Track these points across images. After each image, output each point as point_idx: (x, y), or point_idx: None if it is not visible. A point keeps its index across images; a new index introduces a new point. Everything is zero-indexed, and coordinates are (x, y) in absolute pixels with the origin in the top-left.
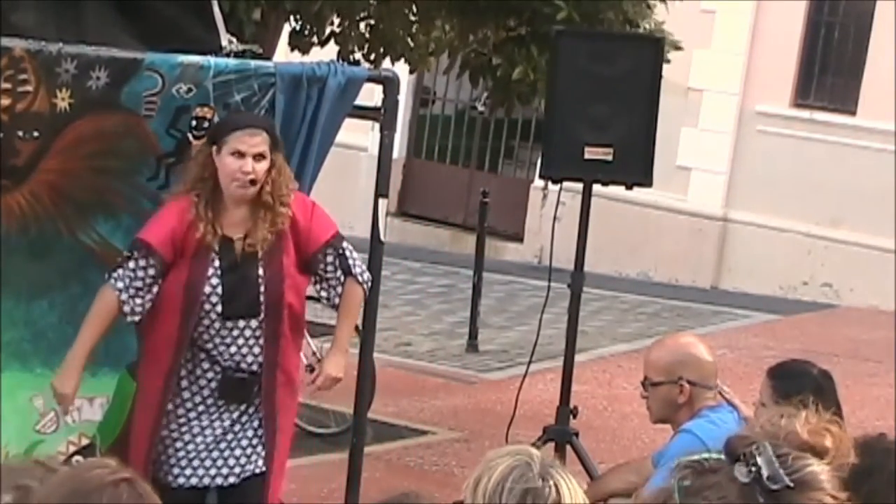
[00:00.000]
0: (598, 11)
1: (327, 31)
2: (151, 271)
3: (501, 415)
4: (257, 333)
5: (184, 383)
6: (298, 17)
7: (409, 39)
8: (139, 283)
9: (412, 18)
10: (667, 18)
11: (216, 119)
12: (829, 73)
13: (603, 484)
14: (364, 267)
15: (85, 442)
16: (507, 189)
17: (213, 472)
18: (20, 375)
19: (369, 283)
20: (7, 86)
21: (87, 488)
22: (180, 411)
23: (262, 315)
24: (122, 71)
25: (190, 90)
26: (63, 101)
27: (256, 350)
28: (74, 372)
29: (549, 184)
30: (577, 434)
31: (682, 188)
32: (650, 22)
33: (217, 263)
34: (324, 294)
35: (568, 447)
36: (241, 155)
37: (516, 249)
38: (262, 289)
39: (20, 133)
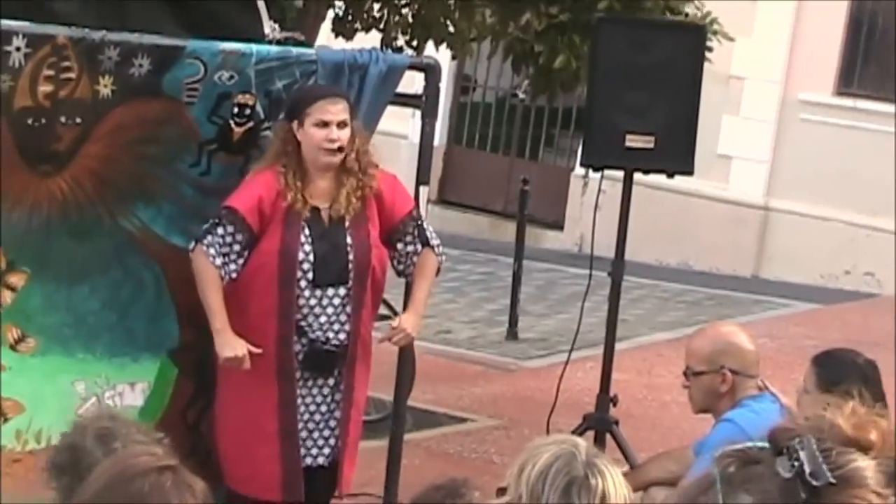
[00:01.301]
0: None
1: (370, 17)
2: (239, 237)
3: (541, 403)
4: (345, 302)
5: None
6: (341, 3)
7: (450, 25)
8: (227, 249)
9: (453, 4)
10: (708, 6)
11: (258, 106)
12: (872, 60)
13: (643, 473)
14: (439, 241)
15: None
16: (547, 177)
17: (302, 451)
18: (62, 360)
19: (443, 258)
20: (50, 73)
21: (130, 473)
22: None
23: (351, 282)
24: (164, 58)
25: (232, 77)
26: (105, 87)
27: (343, 318)
28: (229, 334)
29: (590, 172)
30: (616, 422)
31: (724, 176)
32: (693, 9)
33: (307, 231)
34: (400, 266)
35: (608, 435)
36: (325, 124)
37: (556, 237)
38: (350, 256)
39: (62, 119)
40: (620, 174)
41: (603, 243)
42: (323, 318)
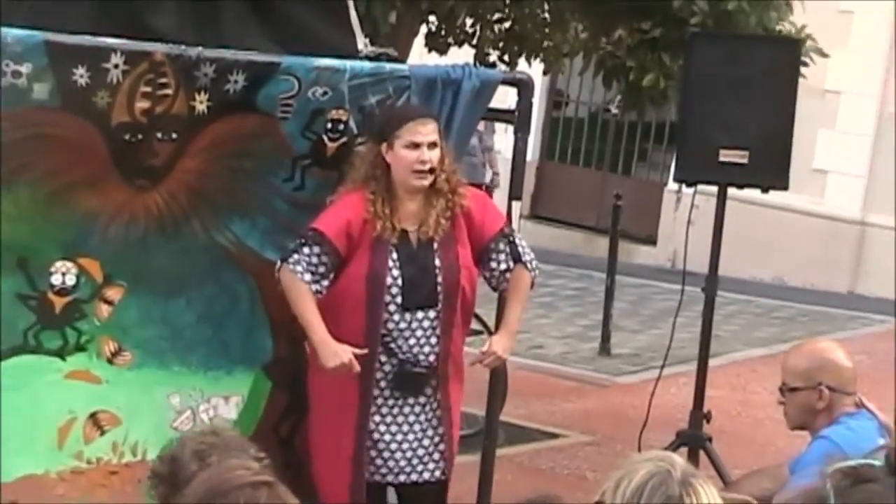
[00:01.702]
0: (734, 16)
1: (463, 32)
2: (325, 259)
3: (633, 419)
4: (434, 324)
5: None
6: (434, 18)
7: (543, 40)
8: (313, 269)
9: (546, 19)
10: (803, 19)
11: (351, 122)
12: None
13: (736, 490)
14: (532, 255)
15: None
16: (640, 192)
17: (396, 469)
18: (157, 373)
19: (537, 273)
20: (147, 89)
21: (226, 487)
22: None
23: (440, 305)
24: (259, 74)
25: (325, 93)
26: (201, 103)
27: (433, 341)
28: (332, 343)
29: (683, 186)
30: (710, 439)
31: (819, 191)
32: (787, 25)
33: (395, 255)
34: (493, 282)
35: (701, 452)
36: (415, 146)
37: (649, 252)
38: (439, 279)
39: (159, 134)
40: (714, 189)
41: (696, 258)
42: (412, 341)
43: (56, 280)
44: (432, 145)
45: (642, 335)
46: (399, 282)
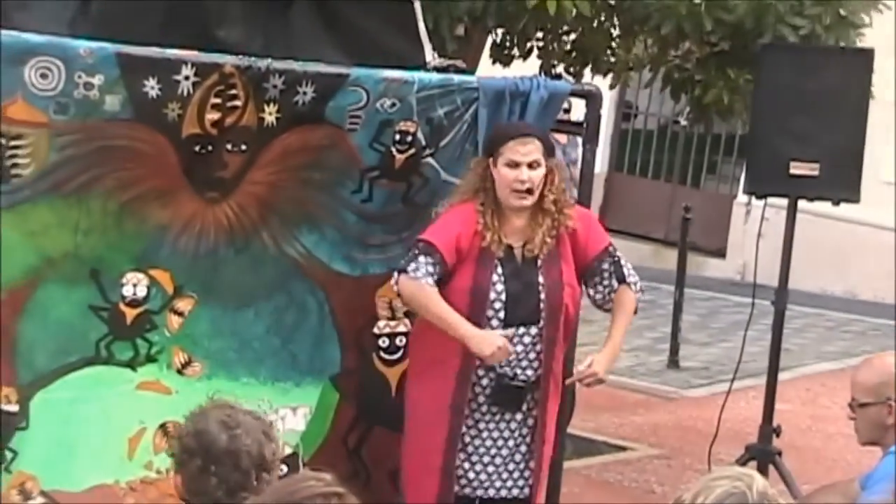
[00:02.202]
0: (810, 39)
1: (529, 44)
2: (432, 269)
3: (702, 432)
4: (535, 340)
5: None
6: (501, 31)
7: (610, 54)
8: (430, 277)
9: (614, 33)
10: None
11: (419, 133)
12: None
13: None
14: (637, 277)
15: (288, 451)
16: (709, 204)
17: (486, 483)
18: (226, 384)
19: (642, 293)
20: (217, 101)
21: (296, 498)
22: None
23: (542, 322)
24: (328, 86)
25: (393, 104)
26: (270, 115)
27: (532, 356)
28: (479, 333)
29: (753, 199)
30: (780, 453)
31: (891, 204)
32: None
33: (500, 270)
34: (598, 297)
35: (770, 466)
36: (515, 165)
37: (718, 265)
38: (542, 296)
39: (228, 146)
40: (784, 201)
41: (766, 271)
42: (513, 356)
43: (127, 291)
44: (533, 164)
45: (711, 348)
46: (503, 297)
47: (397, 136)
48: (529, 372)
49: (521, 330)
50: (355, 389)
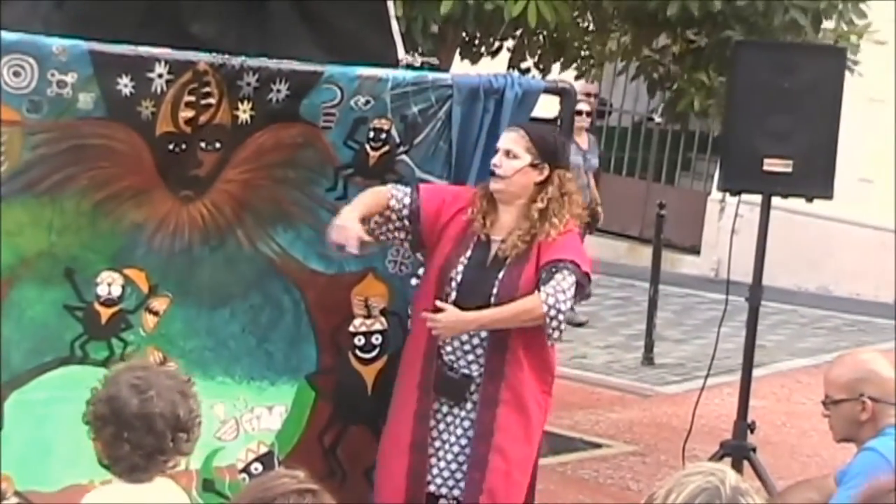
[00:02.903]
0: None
1: (502, 42)
2: (401, 193)
3: (677, 429)
4: (483, 335)
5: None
6: (472, 30)
7: (583, 48)
8: (397, 201)
9: (587, 28)
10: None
11: (393, 131)
12: None
13: (782, 501)
14: (563, 300)
15: (263, 450)
16: (684, 201)
17: (439, 481)
18: (201, 383)
19: (552, 315)
20: (191, 98)
21: (271, 495)
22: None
23: None
24: (302, 84)
25: (368, 102)
26: (244, 113)
27: (479, 352)
28: (353, 218)
29: (727, 196)
30: (754, 449)
31: (864, 201)
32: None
33: (468, 254)
34: None
35: (745, 462)
36: (496, 151)
37: (693, 262)
38: (494, 290)
39: (203, 144)
40: (758, 198)
41: (740, 268)
42: (456, 343)
43: (102, 291)
44: (508, 154)
45: (686, 345)
46: (458, 278)
47: (371, 134)
48: (473, 367)
49: None
50: (332, 388)
